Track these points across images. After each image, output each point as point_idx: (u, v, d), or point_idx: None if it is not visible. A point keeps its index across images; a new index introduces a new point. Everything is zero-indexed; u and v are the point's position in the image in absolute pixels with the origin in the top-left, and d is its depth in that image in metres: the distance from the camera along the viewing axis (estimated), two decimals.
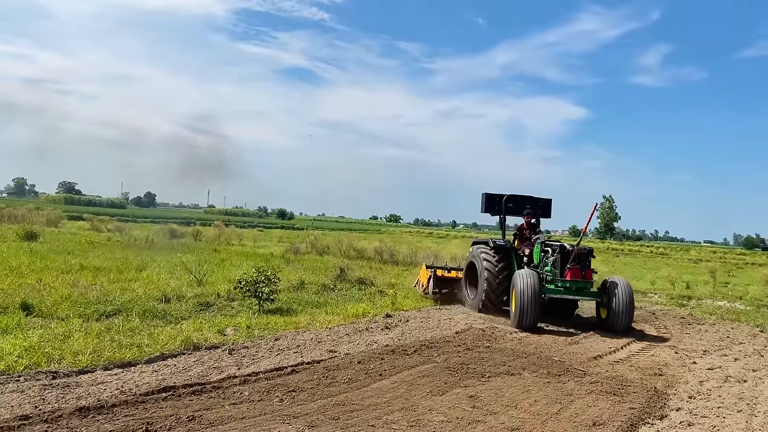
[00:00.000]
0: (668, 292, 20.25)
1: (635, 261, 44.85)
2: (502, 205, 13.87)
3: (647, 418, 6.04)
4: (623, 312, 11.25)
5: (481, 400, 6.28)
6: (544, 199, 14.12)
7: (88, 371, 6.30)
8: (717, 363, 9.03)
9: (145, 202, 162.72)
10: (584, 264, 11.54)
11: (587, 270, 11.55)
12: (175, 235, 32.02)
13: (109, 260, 16.51)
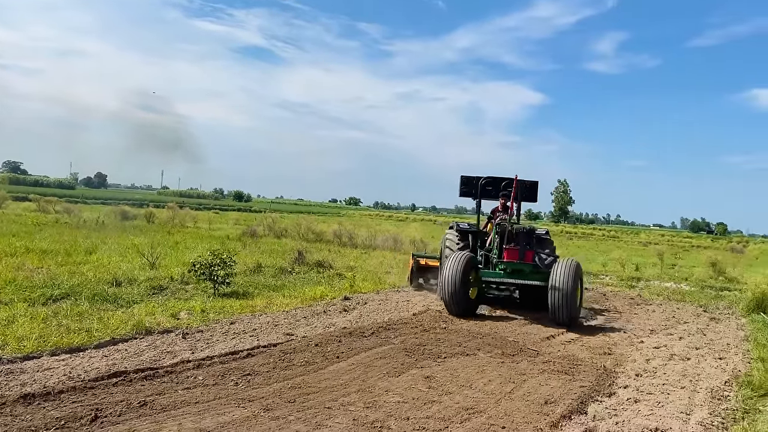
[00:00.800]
0: (619, 273, 20.86)
1: (588, 244, 46.03)
2: (478, 187, 12.81)
3: (596, 396, 6.21)
4: (560, 306, 9.78)
5: (436, 381, 6.34)
6: (528, 181, 12.67)
7: (34, 357, 6.09)
8: (663, 342, 9.36)
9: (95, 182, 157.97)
10: (523, 244, 10.68)
11: (527, 251, 10.66)
12: (127, 217, 31.17)
13: (56, 243, 15.96)
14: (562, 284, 9.75)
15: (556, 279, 9.83)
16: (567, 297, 9.70)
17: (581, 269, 10.45)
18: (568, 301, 9.73)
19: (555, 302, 9.79)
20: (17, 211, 32.06)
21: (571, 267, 9.97)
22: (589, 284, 16.87)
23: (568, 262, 10.13)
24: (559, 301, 9.75)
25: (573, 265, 10.03)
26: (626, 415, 5.61)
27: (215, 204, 76.49)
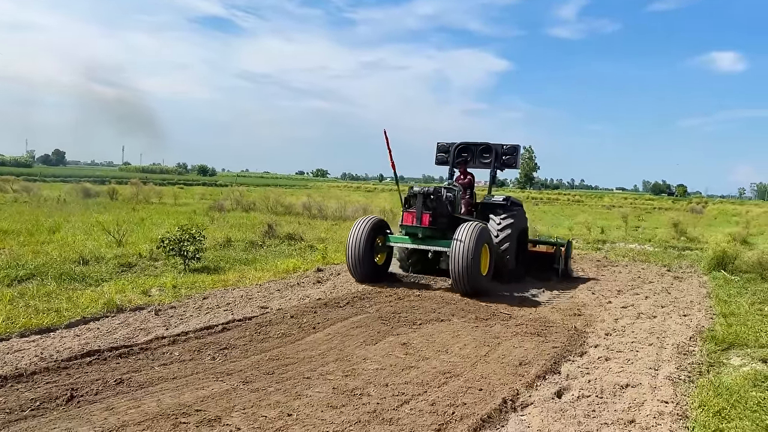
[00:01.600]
0: (585, 237, 21.29)
1: (553, 209, 46.80)
2: (452, 154, 12.05)
3: (569, 356, 6.38)
4: (460, 275, 9.07)
5: (413, 347, 6.42)
6: (506, 146, 11.63)
7: (3, 339, 5.94)
8: (630, 301, 9.64)
9: (53, 160, 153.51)
10: (419, 207, 9.84)
11: (423, 213, 9.79)
12: (89, 194, 30.40)
13: (17, 222, 15.50)
14: (462, 250, 8.95)
15: (455, 245, 9.09)
16: (468, 265, 8.91)
17: (488, 233, 9.75)
18: (469, 270, 8.94)
19: (454, 270, 9.10)
20: None
21: (474, 231, 9.16)
22: None
23: (471, 226, 9.30)
24: (458, 270, 9.03)
25: (477, 229, 9.21)
26: (598, 373, 5.78)
27: (179, 179, 75.09)
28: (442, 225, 9.99)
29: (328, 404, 4.68)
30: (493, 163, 11.70)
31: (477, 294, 9.22)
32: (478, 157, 11.85)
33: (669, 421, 4.57)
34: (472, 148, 11.94)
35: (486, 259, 9.68)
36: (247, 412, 4.47)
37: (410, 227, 9.94)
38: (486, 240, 9.55)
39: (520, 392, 5.17)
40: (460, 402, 4.87)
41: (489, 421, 4.53)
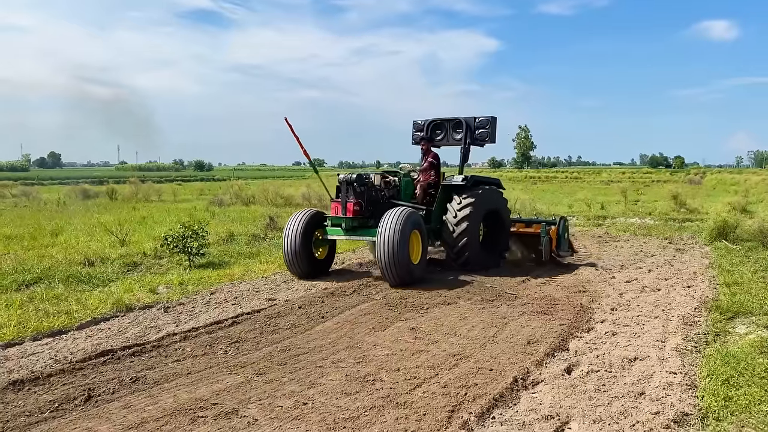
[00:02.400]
0: (585, 213, 21.35)
1: (552, 187, 46.80)
2: (426, 132, 11.31)
3: (576, 332, 6.45)
4: (387, 265, 8.53)
5: (422, 331, 6.49)
6: (480, 119, 10.75)
7: (16, 344, 6.00)
8: (633, 275, 9.71)
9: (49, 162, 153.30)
10: (344, 195, 9.44)
11: (348, 202, 9.32)
12: (89, 195, 30.39)
13: (19, 227, 15.54)
14: (387, 238, 8.41)
15: (381, 232, 8.50)
16: (394, 253, 8.37)
17: (417, 217, 9.01)
18: (396, 258, 8.39)
19: (380, 260, 8.53)
20: None
21: (399, 216, 8.61)
22: None
23: (396, 212, 8.75)
24: (384, 259, 8.46)
25: (403, 214, 8.66)
26: (606, 348, 5.85)
27: (177, 176, 75.00)
28: (373, 213, 9.53)
29: (342, 391, 4.75)
30: (465, 139, 10.82)
31: (409, 284, 8.65)
32: (451, 134, 11.04)
33: (678, 391, 4.64)
34: (445, 125, 11.15)
35: (418, 245, 9.07)
36: (263, 402, 4.54)
37: (335, 218, 9.47)
38: (415, 224, 8.85)
39: (530, 370, 5.24)
40: (471, 383, 4.94)
41: (501, 400, 4.60)
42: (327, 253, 9.95)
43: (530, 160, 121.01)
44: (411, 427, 4.10)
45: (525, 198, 23.62)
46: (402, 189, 10.04)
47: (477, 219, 10.05)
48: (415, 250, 8.97)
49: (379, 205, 9.66)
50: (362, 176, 9.50)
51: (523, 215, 20.36)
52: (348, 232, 9.38)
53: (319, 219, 9.69)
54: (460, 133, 10.86)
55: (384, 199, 9.84)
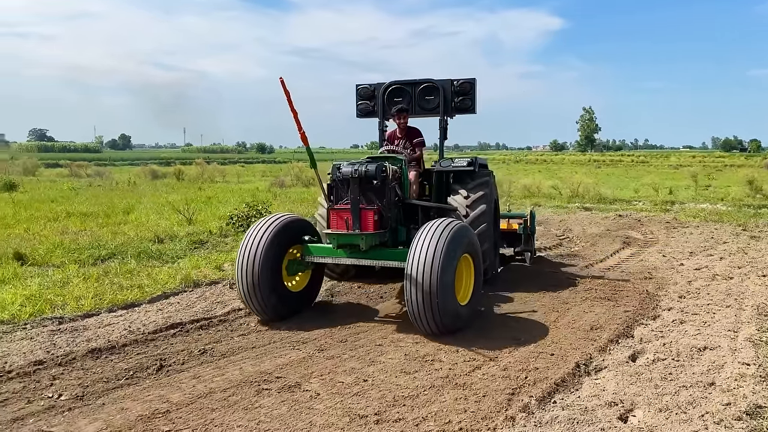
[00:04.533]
0: (652, 198, 20.60)
1: (617, 171, 45.35)
2: (381, 100, 8.48)
3: (641, 320, 6.27)
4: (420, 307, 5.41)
5: (482, 314, 6.46)
6: (459, 81, 8.17)
7: (93, 315, 6.35)
8: (704, 263, 9.32)
9: (120, 144, 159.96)
10: (356, 200, 6.12)
11: (364, 212, 6.11)
12: (157, 176, 31.63)
13: (94, 205, 16.33)
14: (424, 269, 5.33)
15: (413, 260, 5.42)
16: (432, 292, 5.30)
17: (468, 233, 5.91)
18: (433, 299, 5.32)
19: (412, 299, 5.43)
20: (51, 177, 32.75)
21: (445, 233, 5.52)
22: (623, 210, 16.74)
23: (440, 227, 5.61)
24: (417, 299, 5.38)
25: (449, 230, 5.57)
26: (673, 336, 5.66)
27: (239, 158, 76.99)
28: (392, 222, 6.53)
29: (402, 370, 4.80)
30: (442, 108, 8.18)
31: (450, 334, 5.63)
32: (419, 102, 8.33)
33: (751, 383, 4.45)
34: (408, 90, 8.38)
35: (468, 277, 6.06)
36: (324, 378, 4.65)
37: (344, 236, 6.10)
38: (466, 245, 5.80)
39: (593, 356, 5.14)
40: (532, 367, 4.90)
41: (563, 385, 4.54)
42: (308, 282, 6.69)
43: (594, 143, 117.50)
44: (470, 407, 4.11)
45: (588, 182, 22.97)
46: (405, 182, 6.90)
47: (491, 216, 7.60)
48: (464, 285, 6.01)
49: (395, 209, 6.65)
50: (380, 166, 6.26)
51: (587, 200, 19.92)
52: (363, 254, 6.20)
53: (296, 230, 6.42)
54: (433, 102, 8.25)
55: (398, 199, 6.75)
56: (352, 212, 6.09)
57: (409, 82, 8.38)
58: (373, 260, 6.21)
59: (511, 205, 16.93)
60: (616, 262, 9.60)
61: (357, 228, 6.06)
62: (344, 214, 6.15)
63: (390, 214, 6.44)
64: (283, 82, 5.52)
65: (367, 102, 8.63)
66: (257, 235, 6.11)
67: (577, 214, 16.18)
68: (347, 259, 6.27)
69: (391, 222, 6.46)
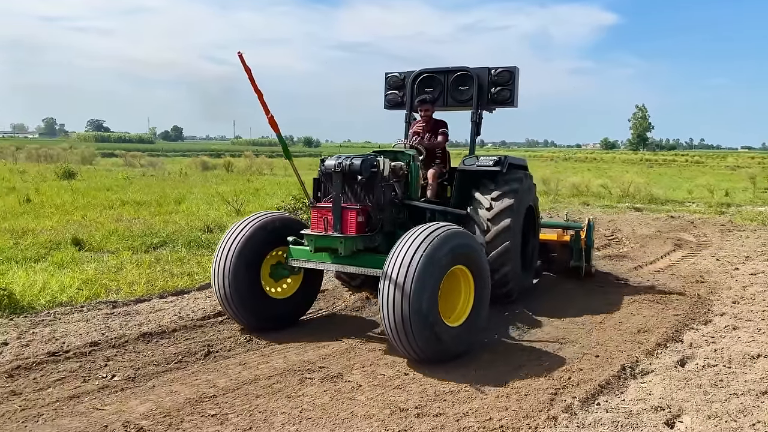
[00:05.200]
0: (706, 200, 19.93)
1: (670, 171, 43.98)
2: (410, 90, 7.71)
3: (692, 324, 6.10)
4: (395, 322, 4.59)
5: (525, 313, 6.41)
6: (497, 70, 7.24)
7: (145, 300, 6.58)
8: (760, 268, 8.97)
9: (172, 135, 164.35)
10: (338, 197, 5.38)
11: (345, 212, 5.34)
12: (207, 167, 32.40)
13: (147, 194, 16.86)
14: (396, 284, 4.54)
15: (387, 272, 4.64)
16: (404, 311, 4.50)
17: (463, 241, 4.98)
18: (406, 319, 4.51)
19: (384, 318, 4.67)
20: (107, 166, 33.97)
21: (427, 243, 4.65)
22: (676, 212, 16.25)
23: (424, 233, 4.77)
24: (389, 318, 4.60)
25: (435, 240, 4.69)
26: (725, 343, 5.49)
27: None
28: (384, 225, 5.63)
29: (443, 366, 4.80)
30: (476, 101, 7.28)
31: (438, 362, 4.79)
32: (452, 93, 7.49)
33: None
34: (440, 79, 7.55)
35: (465, 294, 5.13)
36: (366, 370, 4.70)
37: (322, 238, 5.38)
38: (458, 256, 4.89)
39: (639, 360, 5.03)
40: (575, 368, 4.83)
41: (607, 387, 4.46)
42: (298, 288, 5.96)
43: (647, 142, 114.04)
44: (512, 405, 4.09)
45: (640, 181, 22.37)
46: (412, 181, 6.13)
47: (518, 229, 6.61)
48: (458, 304, 5.11)
49: (391, 210, 5.77)
50: (369, 160, 5.50)
51: (637, 200, 19.41)
52: (343, 259, 5.37)
53: (279, 230, 5.73)
54: (467, 92, 7.36)
55: (396, 199, 5.86)
56: (333, 211, 5.35)
57: (442, 70, 7.55)
58: (355, 267, 5.36)
59: (558, 204, 16.68)
60: (666, 265, 9.35)
61: (338, 229, 5.32)
62: (325, 213, 5.43)
63: (383, 215, 5.58)
64: (242, 57, 4.92)
65: (396, 92, 7.90)
66: (231, 237, 5.53)
67: (627, 215, 15.80)
68: (328, 264, 5.52)
69: (384, 225, 5.58)
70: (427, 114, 7.17)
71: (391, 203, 5.76)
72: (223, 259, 5.44)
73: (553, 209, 16.32)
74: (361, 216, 5.40)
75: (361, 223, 5.38)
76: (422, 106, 7.13)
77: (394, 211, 5.83)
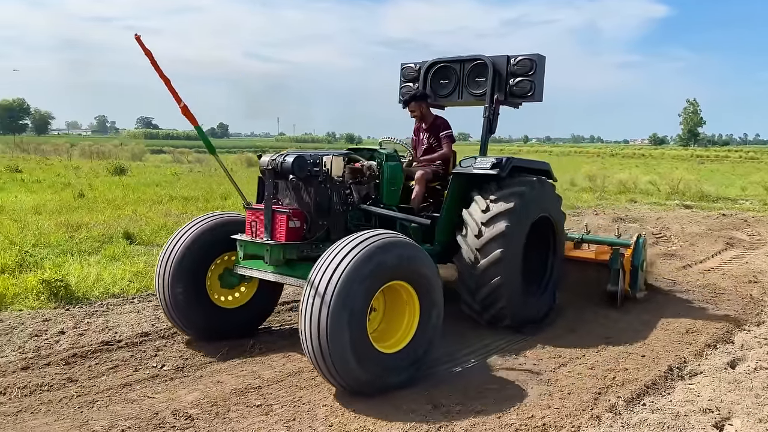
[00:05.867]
0: (761, 197, 19.21)
1: (723, 167, 42.57)
2: (422, 82, 6.85)
3: (744, 325, 5.92)
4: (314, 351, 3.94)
5: (569, 311, 6.33)
6: (517, 59, 6.23)
7: None
8: None
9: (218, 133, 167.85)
10: (269, 199, 4.82)
11: (277, 213, 4.74)
12: (252, 164, 32.90)
13: (194, 190, 17.26)
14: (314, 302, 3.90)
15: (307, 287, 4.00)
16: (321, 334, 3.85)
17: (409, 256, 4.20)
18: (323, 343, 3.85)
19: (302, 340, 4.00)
20: (156, 162, 34.92)
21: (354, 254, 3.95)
22: (728, 209, 15.72)
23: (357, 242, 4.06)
24: (306, 341, 3.96)
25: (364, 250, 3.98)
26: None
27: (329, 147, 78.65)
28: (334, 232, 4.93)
29: (486, 362, 4.79)
30: (491, 93, 6.30)
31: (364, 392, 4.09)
32: (468, 85, 6.56)
33: None
34: (456, 69, 6.66)
35: (406, 315, 4.35)
36: None
37: (251, 244, 4.88)
38: (396, 270, 4.15)
39: (687, 360, 4.92)
40: (621, 367, 4.76)
41: (653, 387, 4.38)
42: (253, 296, 5.41)
43: (698, 137, 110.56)
44: (554, 404, 4.06)
45: (690, 178, 21.72)
46: (385, 183, 5.46)
47: (519, 239, 5.55)
48: (398, 326, 4.35)
49: (341, 215, 5.05)
50: (304, 158, 4.81)
51: (687, 198, 18.83)
52: (284, 269, 4.79)
53: (235, 233, 5.08)
54: (483, 84, 6.40)
55: (351, 203, 5.17)
56: (265, 215, 4.76)
57: (456, 59, 6.65)
58: (295, 279, 4.67)
59: (603, 201, 16.35)
60: (717, 264, 9.07)
61: (267, 235, 4.72)
62: (257, 215, 4.88)
63: (328, 220, 4.88)
64: (140, 39, 4.30)
65: (410, 85, 7.00)
66: (173, 241, 5.05)
67: (676, 212, 15.37)
68: (268, 273, 4.85)
69: (334, 232, 4.88)
70: (415, 114, 6.39)
71: (343, 207, 5.04)
72: (164, 266, 4.95)
73: (600, 206, 16.02)
74: (295, 221, 4.74)
75: (294, 229, 4.72)
76: (407, 106, 6.34)
77: (350, 216, 5.13)
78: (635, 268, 6.61)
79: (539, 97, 6.25)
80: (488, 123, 6.37)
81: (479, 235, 5.38)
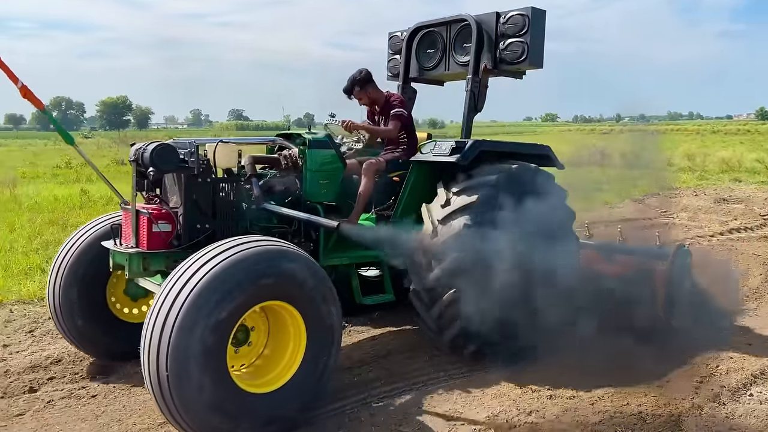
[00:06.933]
0: None
1: None
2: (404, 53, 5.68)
3: None
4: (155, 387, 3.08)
5: None
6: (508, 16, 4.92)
7: None
8: None
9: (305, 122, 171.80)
10: (133, 197, 3.94)
11: (141, 215, 3.79)
12: None
13: None
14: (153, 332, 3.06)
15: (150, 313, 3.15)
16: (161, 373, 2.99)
17: (284, 269, 3.28)
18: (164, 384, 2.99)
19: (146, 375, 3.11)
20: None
21: (209, 268, 3.10)
22: None
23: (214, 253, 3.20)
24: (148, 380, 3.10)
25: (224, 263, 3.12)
26: None
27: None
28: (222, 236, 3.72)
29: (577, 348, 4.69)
30: (474, 61, 5.01)
31: None
32: (455, 52, 5.31)
33: None
34: (441, 34, 5.42)
35: (291, 343, 3.47)
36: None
37: (115, 253, 3.96)
38: (269, 287, 3.25)
39: None
40: (725, 356, 4.54)
41: (761, 377, 4.14)
42: None
43: None
44: (652, 392, 3.93)
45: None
46: (307, 174, 4.45)
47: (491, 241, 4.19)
48: (284, 355, 3.49)
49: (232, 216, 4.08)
50: (170, 148, 3.79)
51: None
52: (144, 273, 3.91)
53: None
54: (468, 51, 5.14)
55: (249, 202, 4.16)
56: (131, 217, 3.86)
57: (441, 22, 5.39)
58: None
59: (704, 181, 15.44)
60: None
61: (134, 241, 3.84)
62: (127, 217, 3.98)
63: (211, 224, 3.92)
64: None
65: (397, 58, 5.84)
66: (66, 246, 4.27)
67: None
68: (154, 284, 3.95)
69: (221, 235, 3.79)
70: (364, 102, 5.20)
71: (236, 207, 4.08)
72: (54, 275, 4.18)
73: (699, 186, 15.13)
74: (163, 224, 3.79)
75: (160, 234, 3.77)
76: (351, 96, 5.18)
77: (252, 217, 4.17)
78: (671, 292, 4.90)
79: (536, 61, 4.92)
80: (472, 98, 5.04)
81: (434, 236, 4.36)
